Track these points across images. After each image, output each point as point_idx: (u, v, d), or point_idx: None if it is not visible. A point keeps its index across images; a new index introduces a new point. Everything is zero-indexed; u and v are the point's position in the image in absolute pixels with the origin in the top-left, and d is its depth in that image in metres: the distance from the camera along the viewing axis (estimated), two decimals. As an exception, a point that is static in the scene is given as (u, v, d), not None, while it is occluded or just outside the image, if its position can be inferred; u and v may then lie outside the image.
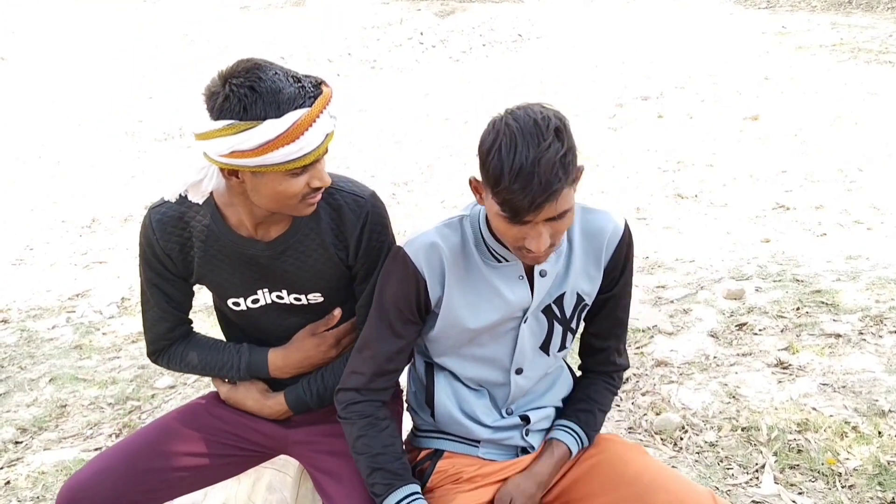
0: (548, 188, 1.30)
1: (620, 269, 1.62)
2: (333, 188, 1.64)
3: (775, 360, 3.12)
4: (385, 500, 1.50)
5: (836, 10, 11.32)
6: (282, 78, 1.41)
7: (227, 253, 1.66)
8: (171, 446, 1.71)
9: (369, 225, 1.64)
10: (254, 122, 1.39)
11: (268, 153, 1.40)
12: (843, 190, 5.36)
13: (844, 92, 7.53)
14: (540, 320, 1.59)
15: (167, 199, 1.63)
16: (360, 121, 8.69)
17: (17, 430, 3.21)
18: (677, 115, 7.50)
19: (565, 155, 1.32)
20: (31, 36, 13.43)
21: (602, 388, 1.74)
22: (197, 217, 1.64)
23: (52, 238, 6.32)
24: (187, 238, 1.65)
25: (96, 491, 1.60)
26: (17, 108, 10.34)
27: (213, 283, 1.72)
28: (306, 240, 1.65)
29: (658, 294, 3.96)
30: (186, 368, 1.82)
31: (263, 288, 1.71)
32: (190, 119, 1.63)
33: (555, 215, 1.35)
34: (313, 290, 1.71)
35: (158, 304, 1.76)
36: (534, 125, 1.32)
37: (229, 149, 1.41)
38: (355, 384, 1.59)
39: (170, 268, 1.70)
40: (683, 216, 5.24)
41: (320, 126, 1.43)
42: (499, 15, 12.69)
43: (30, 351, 4.11)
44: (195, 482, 1.77)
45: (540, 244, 1.37)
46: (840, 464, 2.46)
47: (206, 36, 12.91)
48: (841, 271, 3.99)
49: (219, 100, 1.41)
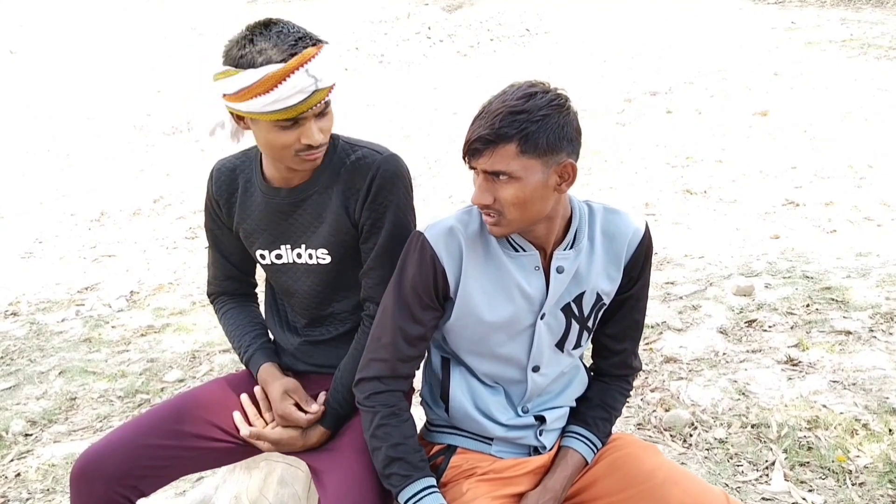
0: (484, 129, 1.36)
1: (639, 269, 1.62)
2: (358, 146, 1.73)
3: (785, 356, 3.11)
4: (402, 491, 1.49)
5: (845, 5, 11.25)
6: (283, 34, 1.52)
7: (259, 202, 1.77)
8: (182, 426, 1.74)
9: (378, 179, 1.68)
10: (238, 70, 1.50)
11: (246, 100, 1.51)
12: (853, 186, 5.33)
13: (854, 88, 7.48)
14: (558, 318, 1.58)
15: (207, 135, 1.74)
16: (367, 115, 8.69)
17: (27, 422, 3.22)
18: (686, 110, 7.47)
19: (519, 112, 1.35)
20: (40, 29, 13.46)
21: (616, 394, 1.74)
22: (247, 170, 1.79)
23: (61, 231, 6.34)
24: (234, 189, 1.80)
25: (109, 463, 1.63)
26: (27, 101, 10.37)
27: (245, 231, 1.81)
28: (324, 191, 1.72)
29: (667, 290, 3.95)
30: (221, 324, 1.97)
31: (286, 244, 1.78)
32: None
33: (489, 169, 1.39)
34: (322, 245, 1.75)
35: (212, 249, 1.92)
36: (518, 86, 1.40)
37: (221, 91, 1.54)
38: (377, 372, 1.57)
39: (220, 215, 1.84)
40: (692, 212, 5.22)
41: (294, 82, 1.49)
42: (507, 9, 12.65)
43: (39, 344, 4.12)
44: (205, 462, 1.80)
45: (476, 195, 1.43)
46: (850, 461, 2.45)
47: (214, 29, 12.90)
48: (851, 268, 3.98)
49: (228, 46, 1.55)
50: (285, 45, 1.50)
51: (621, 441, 1.69)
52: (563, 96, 1.41)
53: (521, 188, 1.39)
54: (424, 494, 1.49)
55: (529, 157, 1.37)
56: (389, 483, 1.52)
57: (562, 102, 1.40)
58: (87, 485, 1.62)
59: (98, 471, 1.62)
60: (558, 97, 1.40)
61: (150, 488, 1.70)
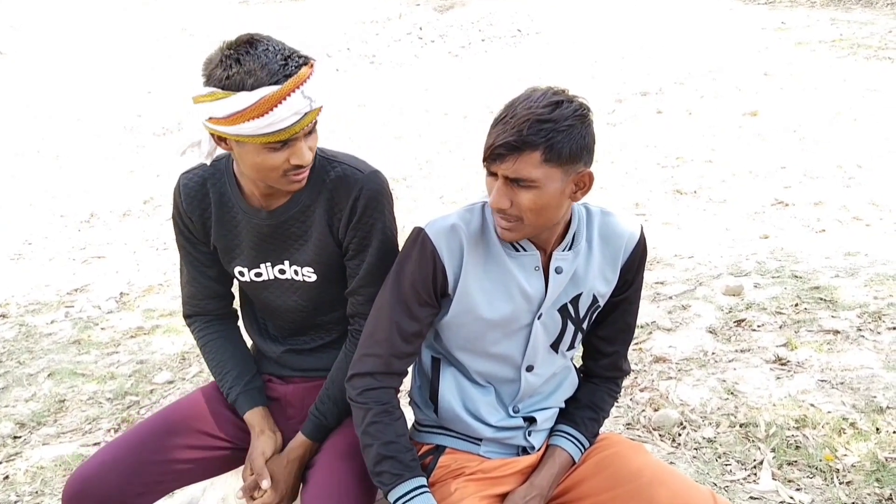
0: (509, 136, 1.35)
1: (634, 272, 1.63)
2: (336, 162, 1.69)
3: (774, 356, 3.13)
4: (392, 490, 1.49)
5: (835, 5, 11.30)
6: (270, 52, 1.46)
7: (237, 220, 1.73)
8: (174, 439, 1.72)
9: (362, 199, 1.65)
10: (229, 93, 1.45)
11: (238, 124, 1.46)
12: (842, 186, 5.36)
13: (844, 88, 7.52)
14: (555, 318, 1.59)
15: (177, 155, 1.73)
16: (359, 116, 8.68)
17: (15, 424, 3.21)
18: (676, 110, 7.49)
19: (546, 120, 1.35)
20: (31, 30, 13.40)
21: (605, 395, 1.75)
22: (218, 184, 1.73)
23: (50, 233, 6.32)
24: (207, 204, 1.74)
25: (102, 483, 1.61)
26: (17, 102, 10.32)
27: (222, 248, 1.78)
28: (307, 210, 1.69)
29: (657, 290, 3.96)
30: (202, 354, 1.91)
31: (266, 262, 1.75)
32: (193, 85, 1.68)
33: (511, 175, 1.38)
34: (308, 263, 1.73)
35: (187, 266, 1.85)
36: (543, 92, 1.39)
37: (208, 115, 1.49)
38: (371, 368, 1.56)
39: (193, 231, 1.78)
40: (682, 212, 5.23)
41: (291, 104, 1.46)
42: (498, 10, 12.66)
43: (28, 346, 4.11)
44: (199, 473, 1.78)
45: (495, 199, 1.42)
46: (838, 460, 2.46)
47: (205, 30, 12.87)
48: (839, 268, 3.99)
49: (210, 67, 1.49)
50: (275, 64, 1.45)
51: (608, 441, 1.69)
52: (585, 106, 1.41)
53: (539, 195, 1.39)
54: (415, 494, 1.49)
55: (552, 165, 1.37)
56: (380, 481, 1.52)
57: (585, 113, 1.40)
58: None
59: (91, 492, 1.60)
60: (582, 107, 1.40)
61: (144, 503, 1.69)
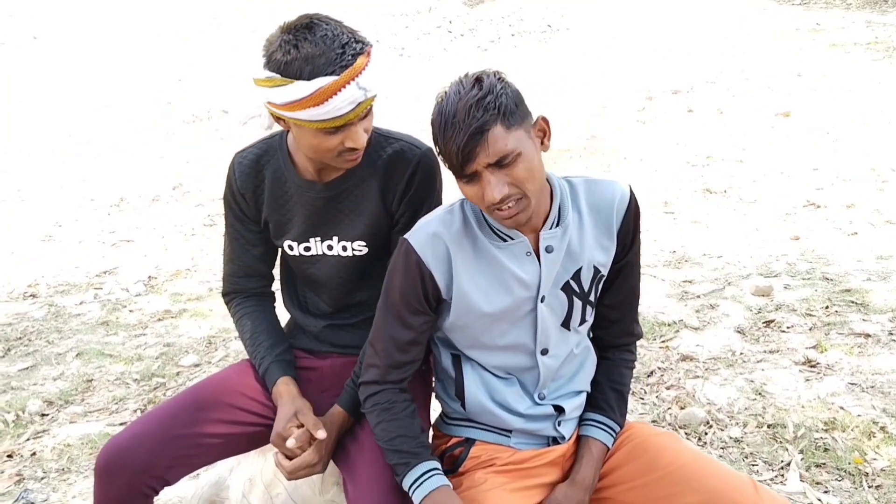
0: (467, 130, 1.34)
1: (631, 235, 1.61)
2: (393, 139, 1.74)
3: (803, 358, 3.09)
4: (404, 478, 1.51)
5: (871, 7, 11.14)
6: (329, 39, 1.48)
7: (290, 194, 1.76)
8: (204, 413, 1.73)
9: (419, 174, 1.71)
10: (287, 80, 1.47)
11: (296, 111, 1.49)
12: (875, 189, 5.28)
13: (878, 91, 7.41)
14: (560, 298, 1.57)
15: (239, 125, 1.77)
16: (386, 108, 8.68)
17: (43, 402, 3.24)
18: (707, 109, 7.43)
19: (483, 97, 1.35)
20: (63, 16, 13.55)
21: (623, 369, 1.73)
22: (272, 160, 1.76)
23: (80, 216, 6.39)
24: (261, 180, 1.77)
25: (133, 455, 1.62)
26: (49, 86, 10.45)
27: (274, 221, 1.80)
28: (362, 184, 1.72)
29: (684, 289, 3.93)
30: (237, 327, 1.92)
31: (316, 237, 1.78)
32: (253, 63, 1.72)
33: (494, 160, 1.36)
34: (360, 237, 1.76)
35: (232, 243, 1.88)
36: (458, 84, 1.40)
37: (266, 99, 1.53)
38: (372, 377, 1.60)
39: (244, 209, 1.81)
40: (712, 211, 5.19)
41: (346, 95, 1.49)
42: (528, 5, 12.62)
43: (57, 326, 4.16)
44: (228, 449, 1.79)
45: (493, 192, 1.38)
46: (867, 464, 2.43)
47: (234, 19, 12.96)
48: (871, 271, 3.94)
49: (269, 49, 1.51)
50: (332, 53, 1.47)
51: (636, 430, 1.67)
52: (488, 70, 1.42)
53: (526, 159, 1.39)
54: (426, 477, 1.49)
55: (515, 128, 1.37)
56: (397, 475, 1.54)
57: (501, 76, 1.42)
58: (113, 477, 1.62)
59: (123, 464, 1.62)
60: (494, 73, 1.41)
61: (175, 478, 1.69)
